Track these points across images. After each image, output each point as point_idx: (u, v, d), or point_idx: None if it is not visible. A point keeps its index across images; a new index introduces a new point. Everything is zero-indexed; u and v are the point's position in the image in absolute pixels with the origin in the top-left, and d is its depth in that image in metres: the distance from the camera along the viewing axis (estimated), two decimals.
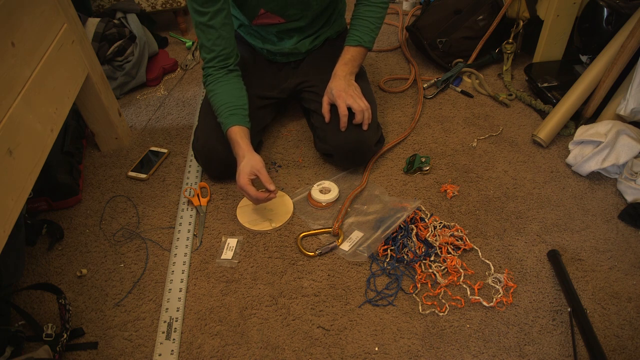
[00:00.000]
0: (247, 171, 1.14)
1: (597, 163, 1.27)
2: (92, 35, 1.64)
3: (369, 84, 1.44)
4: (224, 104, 1.21)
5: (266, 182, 1.14)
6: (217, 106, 1.22)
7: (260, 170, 1.14)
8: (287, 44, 1.39)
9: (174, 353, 0.96)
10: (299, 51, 1.41)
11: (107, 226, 1.25)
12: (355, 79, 1.31)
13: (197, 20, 1.18)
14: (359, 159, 1.33)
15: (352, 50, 1.30)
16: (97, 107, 1.37)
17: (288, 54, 1.43)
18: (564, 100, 1.42)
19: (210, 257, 1.15)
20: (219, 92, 1.23)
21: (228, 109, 1.21)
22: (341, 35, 1.47)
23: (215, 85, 1.24)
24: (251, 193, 1.14)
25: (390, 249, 1.14)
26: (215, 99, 1.23)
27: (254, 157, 1.16)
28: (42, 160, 1.03)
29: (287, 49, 1.40)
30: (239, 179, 1.15)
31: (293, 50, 1.40)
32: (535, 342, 0.96)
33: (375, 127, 1.32)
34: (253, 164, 1.15)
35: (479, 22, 1.74)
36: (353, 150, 1.28)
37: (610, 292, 1.04)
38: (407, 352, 0.95)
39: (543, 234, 1.17)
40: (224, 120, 1.21)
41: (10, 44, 0.94)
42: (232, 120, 1.19)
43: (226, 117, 1.20)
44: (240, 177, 1.14)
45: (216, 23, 1.17)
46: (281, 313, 1.03)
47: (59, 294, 1.00)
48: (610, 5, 1.42)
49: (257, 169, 1.14)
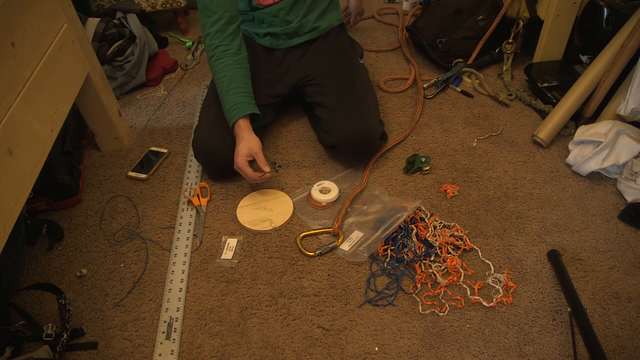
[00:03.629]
0: (245, 152, 1.19)
1: (597, 163, 1.27)
2: (92, 35, 1.64)
3: (369, 77, 1.48)
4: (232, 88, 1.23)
5: (261, 164, 1.20)
6: (224, 85, 1.23)
7: (258, 153, 1.20)
8: (291, 26, 1.41)
9: (174, 353, 0.96)
10: (304, 30, 1.42)
11: (107, 226, 1.25)
12: (356, 73, 1.40)
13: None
14: (363, 151, 1.34)
15: None
16: (97, 107, 1.37)
17: (293, 34, 1.43)
18: (564, 100, 1.42)
19: (210, 257, 1.15)
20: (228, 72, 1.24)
21: (236, 93, 1.23)
22: (340, 29, 1.51)
23: (223, 62, 1.24)
24: (248, 174, 1.20)
25: (390, 249, 1.14)
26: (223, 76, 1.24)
27: (252, 139, 1.20)
28: (42, 160, 1.03)
29: (292, 27, 1.41)
30: (237, 160, 1.20)
31: (298, 28, 1.41)
32: (535, 342, 0.96)
33: (379, 121, 1.34)
34: (251, 145, 1.19)
35: (479, 22, 1.74)
36: (358, 141, 1.29)
37: (610, 292, 1.04)
38: (407, 352, 0.95)
39: (543, 234, 1.17)
40: (230, 109, 1.22)
41: (10, 44, 0.94)
42: (240, 110, 1.21)
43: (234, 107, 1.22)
44: (238, 159, 1.19)
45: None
46: (281, 313, 1.03)
47: (59, 294, 0.99)
48: (610, 5, 1.42)
49: (254, 151, 1.19)
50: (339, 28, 1.51)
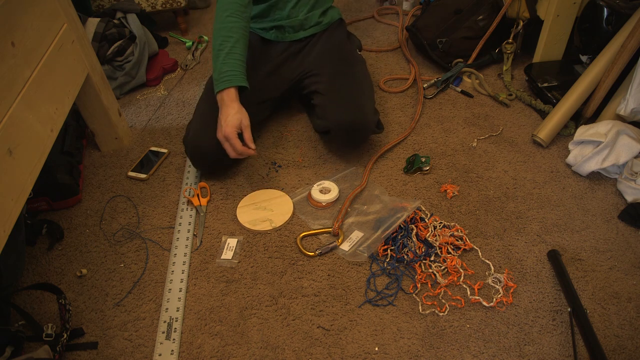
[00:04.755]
0: (236, 124, 1.16)
1: (597, 163, 1.27)
2: (92, 35, 1.64)
3: (366, 67, 1.50)
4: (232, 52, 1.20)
5: (248, 140, 1.17)
6: (224, 46, 1.20)
7: (248, 127, 1.17)
8: (297, 19, 1.43)
9: (174, 353, 0.96)
10: (309, 23, 1.45)
11: (107, 226, 1.25)
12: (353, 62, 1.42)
13: None
14: (356, 136, 1.34)
15: None
16: (97, 107, 1.37)
17: (298, 28, 1.45)
18: (564, 100, 1.42)
19: (210, 257, 1.15)
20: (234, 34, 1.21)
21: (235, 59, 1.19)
22: (340, 23, 1.54)
23: (235, 22, 1.21)
24: (237, 145, 1.15)
25: (390, 249, 1.14)
26: (229, 35, 1.21)
27: (243, 111, 1.18)
28: (42, 160, 1.03)
29: (298, 20, 1.43)
30: (226, 128, 1.15)
31: (304, 22, 1.44)
32: (535, 342, 0.96)
33: (374, 109, 1.36)
34: (242, 117, 1.17)
35: (479, 22, 1.74)
36: (351, 126, 1.29)
37: (610, 292, 1.04)
38: (407, 352, 0.95)
39: (543, 234, 1.17)
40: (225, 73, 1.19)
41: (10, 44, 0.94)
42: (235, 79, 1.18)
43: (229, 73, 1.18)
44: (228, 128, 1.15)
45: None
46: (281, 313, 1.03)
47: (59, 294, 0.99)
48: (610, 5, 1.42)
49: (244, 125, 1.17)
50: (339, 23, 1.54)
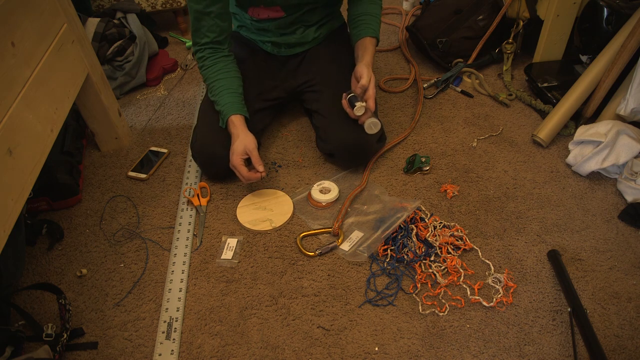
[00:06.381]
0: (240, 151, 1.19)
1: (597, 163, 1.27)
2: (92, 35, 1.64)
3: None
4: (224, 89, 1.25)
5: (256, 163, 1.20)
6: (215, 88, 1.26)
7: (252, 151, 1.19)
8: (292, 37, 1.41)
9: (174, 353, 0.96)
10: (305, 40, 1.42)
11: (107, 226, 1.25)
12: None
13: (193, 7, 1.20)
14: (360, 158, 1.34)
15: (369, 41, 1.31)
16: (97, 107, 1.37)
17: (294, 45, 1.43)
18: (564, 100, 1.42)
19: (210, 257, 1.15)
20: (218, 76, 1.26)
21: (228, 93, 1.25)
22: (341, 32, 1.49)
23: (213, 69, 1.27)
24: (243, 173, 1.19)
25: (390, 249, 1.14)
26: (214, 80, 1.27)
27: (247, 138, 1.21)
28: (42, 160, 1.03)
29: (293, 39, 1.41)
30: (232, 159, 1.20)
31: (300, 40, 1.41)
32: (535, 342, 0.96)
33: None
34: (246, 143, 1.19)
35: (479, 22, 1.74)
36: (354, 149, 1.29)
37: (610, 292, 1.04)
38: (407, 352, 0.95)
39: (543, 234, 1.17)
40: (222, 108, 1.25)
41: (10, 44, 0.94)
42: (232, 108, 1.24)
43: (226, 106, 1.24)
44: (234, 157, 1.20)
45: (213, 10, 1.19)
46: (281, 313, 1.03)
47: (59, 294, 1.00)
48: (610, 5, 1.42)
49: (249, 150, 1.19)
50: (339, 30, 1.50)
